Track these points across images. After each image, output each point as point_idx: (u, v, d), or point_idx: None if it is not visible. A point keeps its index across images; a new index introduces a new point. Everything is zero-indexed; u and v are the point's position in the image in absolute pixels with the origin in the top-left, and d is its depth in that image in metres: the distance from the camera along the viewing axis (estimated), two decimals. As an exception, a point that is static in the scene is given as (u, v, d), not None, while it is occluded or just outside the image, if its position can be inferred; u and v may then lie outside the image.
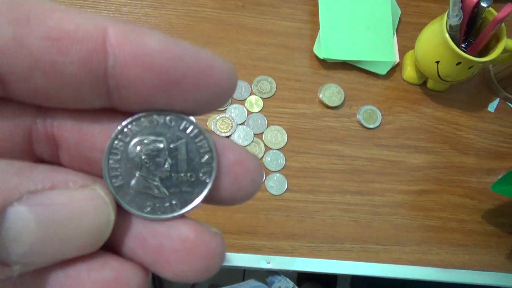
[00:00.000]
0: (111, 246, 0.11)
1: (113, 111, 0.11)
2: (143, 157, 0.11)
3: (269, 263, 0.48)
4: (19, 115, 0.11)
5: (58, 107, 0.11)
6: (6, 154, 0.11)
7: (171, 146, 0.12)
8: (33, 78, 0.09)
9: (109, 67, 0.10)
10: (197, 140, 0.12)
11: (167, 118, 0.11)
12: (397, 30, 0.59)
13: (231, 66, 0.11)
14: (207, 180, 0.12)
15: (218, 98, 0.11)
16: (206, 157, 0.12)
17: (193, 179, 0.12)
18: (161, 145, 0.11)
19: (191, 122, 0.12)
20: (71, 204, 0.10)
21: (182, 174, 0.12)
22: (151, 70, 0.10)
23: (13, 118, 0.11)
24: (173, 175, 0.12)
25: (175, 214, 0.12)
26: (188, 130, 0.12)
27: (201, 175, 0.12)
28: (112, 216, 0.11)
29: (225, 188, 0.12)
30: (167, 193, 0.12)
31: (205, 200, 0.12)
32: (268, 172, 0.51)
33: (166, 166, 0.12)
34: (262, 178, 0.12)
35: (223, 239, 0.12)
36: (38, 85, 0.10)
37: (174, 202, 0.12)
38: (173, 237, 0.11)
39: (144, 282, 0.11)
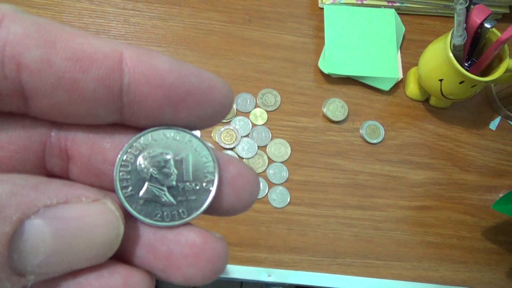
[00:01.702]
0: (121, 254, 0.12)
1: (123, 126, 0.12)
2: (151, 169, 0.12)
3: (270, 276, 0.48)
4: (35, 130, 0.12)
5: (73, 123, 0.12)
6: (19, 166, 0.12)
7: (177, 158, 0.12)
8: (55, 95, 0.10)
9: (124, 85, 0.11)
10: (200, 152, 0.13)
11: (173, 133, 0.12)
12: (401, 47, 0.60)
13: (229, 87, 0.12)
14: (211, 188, 0.13)
15: (218, 114, 0.12)
16: (209, 167, 0.13)
17: (198, 188, 0.13)
18: (168, 157, 0.12)
19: (195, 137, 0.13)
20: (84, 217, 0.10)
21: (188, 184, 0.13)
22: (160, 88, 0.11)
23: (28, 132, 0.12)
24: (179, 184, 0.13)
25: (183, 221, 0.12)
26: (192, 144, 0.13)
27: (205, 184, 0.13)
28: (121, 229, 0.11)
29: (226, 199, 0.13)
30: (174, 201, 0.12)
31: (208, 210, 0.13)
32: (271, 185, 0.51)
33: (172, 176, 0.12)
34: (259, 190, 0.13)
35: (226, 243, 0.13)
36: (59, 101, 0.10)
37: (181, 210, 0.12)
38: (181, 243, 0.12)
39: None
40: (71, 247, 0.10)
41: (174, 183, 0.12)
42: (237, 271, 0.48)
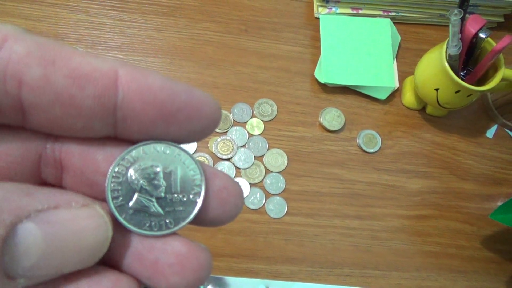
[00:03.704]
0: (111, 261, 0.13)
1: (115, 139, 0.13)
2: (141, 181, 0.13)
3: (267, 287, 0.48)
4: (31, 141, 0.12)
5: (68, 136, 0.12)
6: (16, 176, 0.12)
7: (166, 171, 0.13)
8: (53, 110, 0.11)
9: (118, 101, 0.11)
10: (188, 166, 0.13)
11: (162, 146, 0.13)
12: (397, 56, 0.60)
13: (217, 103, 0.13)
14: (197, 200, 0.13)
15: (206, 129, 0.13)
16: (197, 180, 0.13)
17: (185, 199, 0.13)
18: (158, 170, 0.13)
19: (183, 150, 0.13)
20: (74, 221, 0.11)
21: (176, 195, 0.13)
22: (153, 104, 0.12)
23: (25, 144, 0.12)
24: (167, 196, 0.13)
25: (170, 230, 0.13)
26: (181, 157, 0.13)
27: (191, 196, 0.13)
28: (110, 232, 0.12)
29: (211, 210, 0.13)
30: (162, 212, 0.13)
31: (195, 221, 0.13)
32: (268, 195, 0.51)
33: (161, 188, 0.13)
34: (243, 203, 0.14)
35: (210, 253, 0.13)
36: (56, 116, 0.11)
37: (168, 220, 0.13)
38: (168, 252, 0.12)
39: None
40: (62, 250, 0.10)
41: (162, 194, 0.13)
42: (234, 283, 0.48)
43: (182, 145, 0.13)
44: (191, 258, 0.12)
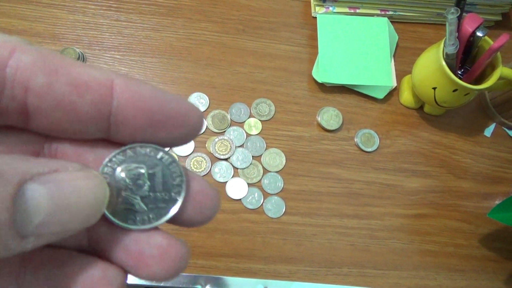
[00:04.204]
0: (100, 253, 0.14)
1: (106, 142, 0.14)
2: (127, 180, 0.14)
3: (266, 287, 0.48)
4: (31, 142, 0.14)
5: (65, 137, 0.14)
6: None
7: (150, 171, 0.14)
8: (54, 114, 0.12)
9: (113, 107, 0.13)
10: (171, 167, 0.15)
11: (147, 149, 0.14)
12: (395, 55, 0.60)
13: (200, 112, 0.14)
14: (178, 198, 0.14)
15: (190, 135, 0.14)
16: (178, 180, 0.14)
17: (167, 197, 0.14)
18: (142, 171, 0.14)
19: (166, 153, 0.15)
20: (75, 181, 0.12)
21: (158, 194, 0.14)
22: (143, 111, 0.13)
23: (26, 144, 0.14)
24: (151, 194, 0.14)
25: (152, 225, 0.14)
26: (164, 159, 0.15)
27: (173, 194, 0.14)
28: (107, 191, 0.13)
29: (189, 211, 0.15)
30: (146, 208, 0.14)
31: (175, 219, 0.15)
32: (266, 194, 0.51)
33: (145, 187, 0.14)
34: (219, 207, 0.15)
35: (188, 247, 0.14)
36: (56, 119, 0.12)
37: (151, 216, 0.14)
38: (151, 244, 0.14)
39: (124, 281, 0.14)
40: (66, 208, 0.11)
41: (146, 193, 0.14)
42: (232, 283, 0.47)
43: (166, 148, 0.15)
44: (171, 251, 0.14)
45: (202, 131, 0.48)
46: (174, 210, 0.14)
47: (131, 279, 0.15)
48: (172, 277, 0.14)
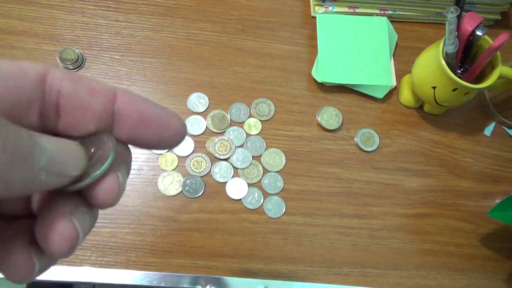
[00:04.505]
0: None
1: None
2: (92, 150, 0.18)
3: (266, 287, 0.48)
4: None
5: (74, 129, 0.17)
6: None
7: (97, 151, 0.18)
8: (76, 112, 0.16)
9: (115, 109, 0.17)
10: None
11: (104, 137, 0.18)
12: (394, 54, 0.60)
13: (182, 120, 0.18)
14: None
15: (175, 138, 0.18)
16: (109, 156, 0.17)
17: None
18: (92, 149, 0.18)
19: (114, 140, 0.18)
20: (65, 142, 0.15)
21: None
22: (138, 115, 0.17)
23: None
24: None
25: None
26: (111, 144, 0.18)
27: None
28: (83, 150, 0.16)
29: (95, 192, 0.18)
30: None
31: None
32: (266, 194, 0.51)
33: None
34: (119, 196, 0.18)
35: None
36: (78, 117, 0.17)
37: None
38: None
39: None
40: (61, 156, 0.15)
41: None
42: (233, 283, 0.47)
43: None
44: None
45: (184, 140, 0.48)
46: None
47: (130, 279, 0.16)
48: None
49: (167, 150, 0.51)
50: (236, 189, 0.51)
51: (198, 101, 0.54)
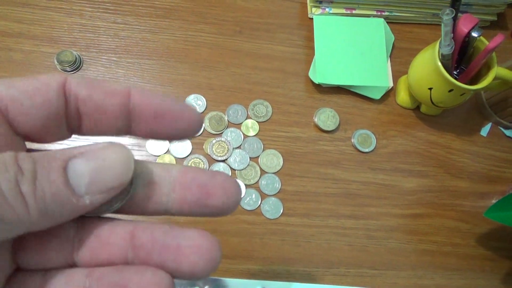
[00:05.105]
0: (144, 260, 0.17)
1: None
2: None
3: (264, 288, 0.48)
4: None
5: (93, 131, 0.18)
6: None
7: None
8: (96, 115, 0.17)
9: (130, 106, 0.17)
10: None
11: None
12: (391, 55, 0.60)
13: (196, 110, 0.18)
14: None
15: (189, 129, 0.18)
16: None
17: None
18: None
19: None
20: (104, 150, 0.15)
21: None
22: (153, 111, 0.17)
23: None
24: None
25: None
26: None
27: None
28: (131, 155, 0.16)
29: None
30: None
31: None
32: (264, 196, 0.51)
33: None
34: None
35: (219, 242, 0.17)
36: (97, 119, 0.17)
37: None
38: (186, 237, 0.17)
39: (172, 283, 0.16)
40: (102, 170, 0.15)
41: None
42: (230, 284, 0.48)
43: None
44: (204, 241, 0.16)
45: (200, 132, 0.48)
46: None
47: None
48: (210, 269, 0.16)
49: (183, 140, 0.51)
50: (234, 190, 0.51)
51: (195, 102, 0.54)
